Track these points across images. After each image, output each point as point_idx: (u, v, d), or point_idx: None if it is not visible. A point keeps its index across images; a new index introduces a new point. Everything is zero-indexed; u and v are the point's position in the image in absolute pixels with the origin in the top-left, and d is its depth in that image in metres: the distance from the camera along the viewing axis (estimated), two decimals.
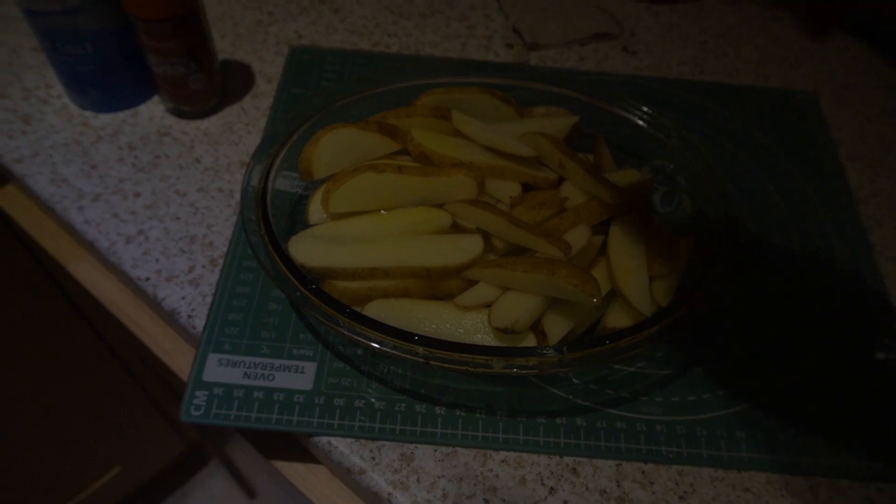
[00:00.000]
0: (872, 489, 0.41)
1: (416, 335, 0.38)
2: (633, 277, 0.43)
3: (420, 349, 0.38)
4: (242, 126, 0.57)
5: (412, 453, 0.41)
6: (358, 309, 0.42)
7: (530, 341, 0.41)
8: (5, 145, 0.54)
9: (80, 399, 1.03)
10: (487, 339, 0.41)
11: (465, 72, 0.55)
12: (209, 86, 0.55)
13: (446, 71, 0.54)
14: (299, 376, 0.44)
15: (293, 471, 0.47)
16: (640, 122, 0.51)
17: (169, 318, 0.47)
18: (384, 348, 0.38)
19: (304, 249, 0.43)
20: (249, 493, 1.41)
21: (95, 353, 0.98)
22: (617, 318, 0.43)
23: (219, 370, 0.44)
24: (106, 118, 0.56)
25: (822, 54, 0.68)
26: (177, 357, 0.51)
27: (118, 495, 1.27)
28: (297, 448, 0.47)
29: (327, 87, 0.58)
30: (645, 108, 0.51)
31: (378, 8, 0.67)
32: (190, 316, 0.46)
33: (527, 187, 0.47)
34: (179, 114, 0.57)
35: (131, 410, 1.13)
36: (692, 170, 0.49)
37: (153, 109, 0.57)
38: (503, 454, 0.42)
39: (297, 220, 0.49)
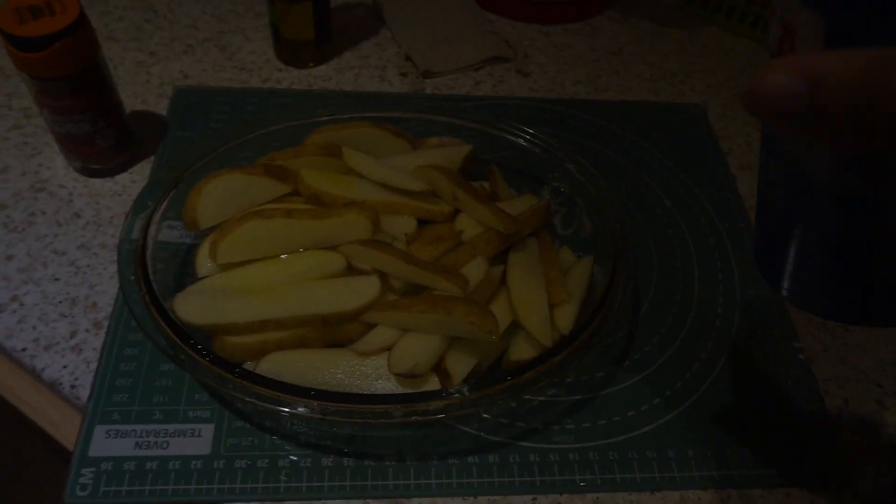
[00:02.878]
0: (780, 495, 0.42)
1: (312, 390, 0.36)
2: (533, 308, 0.42)
3: (315, 404, 0.36)
4: (126, 175, 0.54)
5: None
6: (252, 365, 0.40)
7: (433, 383, 0.40)
8: None
9: None
10: (390, 385, 0.40)
11: (359, 105, 0.54)
12: (120, 140, 0.52)
13: (340, 105, 0.53)
14: (196, 440, 0.41)
15: None
16: (533, 147, 0.51)
17: (51, 389, 0.44)
18: (277, 408, 0.36)
19: (190, 306, 0.41)
20: None
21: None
22: (520, 350, 0.42)
23: (107, 443, 0.41)
24: None
25: (709, 67, 0.70)
26: (68, 430, 0.48)
27: None
28: None
29: (213, 131, 0.57)
30: (534, 132, 0.51)
31: (267, 42, 0.65)
32: (73, 386, 0.43)
33: (423, 222, 0.46)
34: (89, 173, 0.53)
35: (48, 472, 1.06)
36: (588, 191, 0.49)
37: (26, 164, 0.54)
38: (416, 500, 0.40)
39: (186, 272, 0.46)
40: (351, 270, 0.44)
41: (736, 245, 0.54)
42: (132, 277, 0.40)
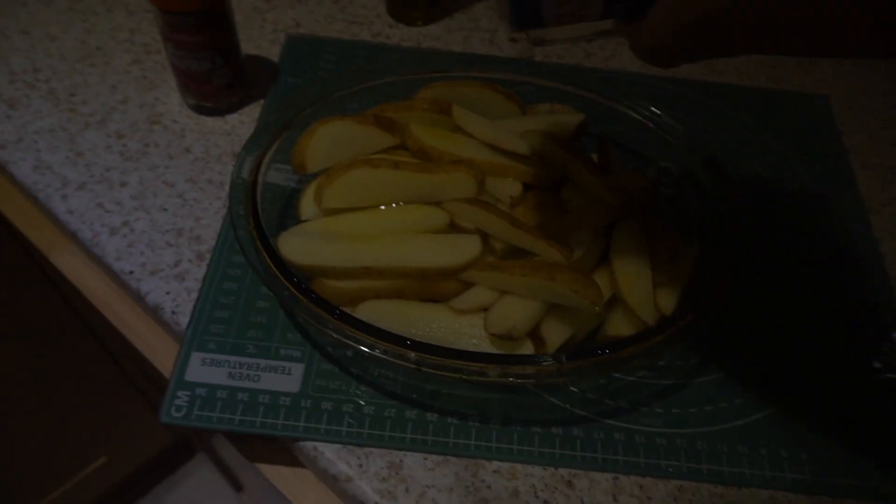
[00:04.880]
0: None
1: (409, 339, 0.36)
2: (636, 284, 0.41)
3: (412, 354, 0.36)
4: (235, 115, 0.55)
5: (401, 461, 0.40)
6: (349, 310, 0.41)
7: (527, 348, 0.39)
8: None
9: (67, 387, 1.01)
10: (483, 344, 0.40)
11: (468, 66, 0.53)
12: (235, 80, 0.53)
13: (448, 64, 0.52)
14: (286, 378, 0.42)
15: (277, 474, 0.46)
16: (647, 123, 0.49)
17: (153, 313, 0.46)
18: (374, 353, 0.36)
19: (295, 246, 0.41)
20: (236, 486, 1.39)
21: (83, 342, 0.96)
22: (618, 326, 0.41)
23: (202, 370, 0.42)
24: (95, 104, 0.54)
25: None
26: (161, 353, 0.50)
27: (104, 485, 1.25)
28: (282, 451, 0.46)
29: (324, 78, 0.57)
30: (653, 108, 0.49)
31: None
32: (174, 312, 0.44)
33: (528, 187, 0.46)
34: (201, 110, 0.55)
35: (118, 400, 1.12)
36: (699, 173, 0.47)
37: (144, 96, 0.55)
38: (496, 464, 0.40)
39: (288, 214, 0.47)
40: (453, 228, 0.43)
41: (852, 246, 0.51)
42: (241, 213, 0.41)
